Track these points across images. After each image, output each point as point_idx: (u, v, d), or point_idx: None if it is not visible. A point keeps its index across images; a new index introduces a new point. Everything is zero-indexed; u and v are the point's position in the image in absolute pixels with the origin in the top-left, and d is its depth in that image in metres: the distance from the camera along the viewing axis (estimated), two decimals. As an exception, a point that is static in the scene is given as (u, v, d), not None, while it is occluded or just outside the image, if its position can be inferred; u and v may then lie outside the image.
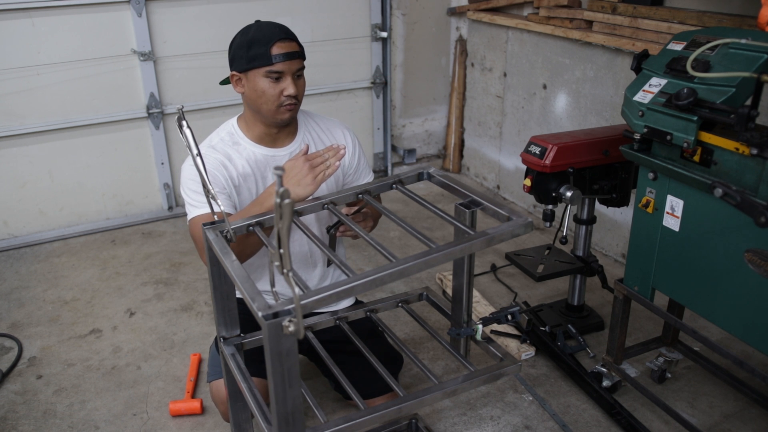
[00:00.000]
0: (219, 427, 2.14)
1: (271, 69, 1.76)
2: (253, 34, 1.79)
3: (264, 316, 1.05)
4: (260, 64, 1.77)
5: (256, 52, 1.76)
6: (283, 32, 1.79)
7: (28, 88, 3.21)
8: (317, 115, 2.06)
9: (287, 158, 1.91)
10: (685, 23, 2.56)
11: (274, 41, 1.76)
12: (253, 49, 1.77)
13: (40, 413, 2.21)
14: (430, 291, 1.74)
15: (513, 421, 2.14)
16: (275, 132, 1.90)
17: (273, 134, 1.91)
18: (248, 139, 1.91)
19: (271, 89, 1.78)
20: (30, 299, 2.91)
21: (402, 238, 3.38)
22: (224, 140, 1.90)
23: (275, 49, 1.76)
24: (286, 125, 1.90)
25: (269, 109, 1.82)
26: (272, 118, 1.84)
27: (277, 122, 1.86)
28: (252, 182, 1.90)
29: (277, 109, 1.81)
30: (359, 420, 1.27)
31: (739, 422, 2.10)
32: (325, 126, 2.02)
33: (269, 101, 1.80)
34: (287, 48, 1.77)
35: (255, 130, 1.91)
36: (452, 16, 4.10)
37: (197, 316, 2.74)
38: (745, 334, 1.69)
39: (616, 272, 2.96)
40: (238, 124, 1.94)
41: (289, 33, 1.81)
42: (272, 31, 1.78)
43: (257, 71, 1.78)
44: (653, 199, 1.85)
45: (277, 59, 1.76)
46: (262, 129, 1.90)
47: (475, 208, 1.40)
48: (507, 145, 3.80)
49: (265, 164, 1.91)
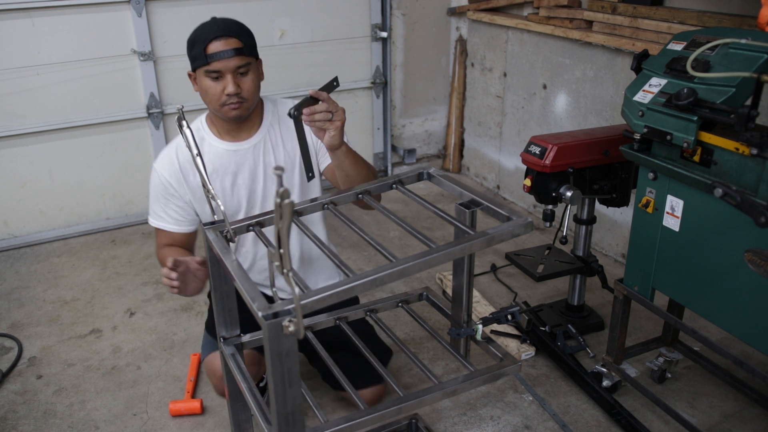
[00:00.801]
0: (219, 427, 2.14)
1: (209, 68, 1.76)
2: (194, 34, 1.80)
3: (264, 316, 1.05)
4: (199, 64, 1.78)
5: (195, 51, 1.78)
6: (221, 30, 1.76)
7: (28, 88, 3.21)
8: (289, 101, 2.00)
9: (250, 152, 1.93)
10: (685, 23, 2.56)
11: (210, 40, 1.75)
12: (194, 48, 1.78)
13: (40, 413, 2.21)
14: (430, 291, 1.74)
15: (513, 421, 2.14)
16: (235, 126, 1.91)
17: (233, 129, 1.91)
18: (213, 135, 1.93)
19: (212, 88, 1.79)
20: (30, 299, 2.91)
21: (402, 238, 3.38)
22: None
23: (210, 48, 1.75)
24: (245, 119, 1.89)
25: (215, 108, 1.83)
26: (221, 115, 1.84)
27: (227, 119, 1.86)
28: (217, 180, 1.91)
29: (221, 108, 1.81)
30: (359, 420, 1.27)
31: (739, 422, 2.10)
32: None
33: (213, 100, 1.81)
34: (223, 46, 1.75)
35: (218, 125, 1.92)
36: (452, 16, 4.10)
37: (197, 316, 2.74)
38: (745, 334, 1.69)
39: (616, 272, 2.96)
40: (206, 119, 1.96)
41: (230, 29, 1.77)
42: (210, 29, 1.77)
43: (200, 71, 1.79)
44: (653, 199, 1.85)
45: (212, 58, 1.74)
46: (222, 124, 1.91)
47: (475, 208, 1.40)
48: (507, 145, 3.80)
49: (228, 159, 1.92)
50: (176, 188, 1.92)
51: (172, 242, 1.99)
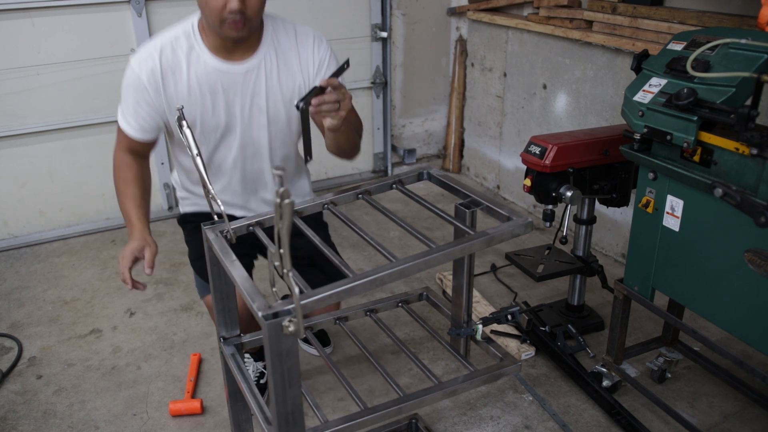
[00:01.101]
0: (219, 427, 2.14)
1: None
2: None
3: (264, 316, 1.05)
4: None
5: None
6: None
7: (28, 88, 3.21)
8: (290, 24, 1.87)
9: (241, 76, 1.77)
10: (685, 23, 2.56)
11: None
12: None
13: (40, 413, 2.21)
14: (430, 291, 1.74)
15: (513, 421, 2.14)
16: (231, 44, 1.73)
17: (229, 46, 1.74)
18: (204, 47, 1.75)
19: (213, 0, 1.61)
20: (30, 299, 2.91)
21: (402, 238, 3.38)
22: (179, 43, 1.76)
23: None
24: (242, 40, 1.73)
25: (213, 23, 1.65)
26: (219, 32, 1.67)
27: (225, 37, 1.69)
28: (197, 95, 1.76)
29: (221, 25, 1.64)
30: (359, 420, 1.28)
31: (739, 422, 2.10)
32: (296, 38, 1.84)
33: (213, 13, 1.63)
34: None
35: (211, 39, 1.74)
36: (452, 16, 4.10)
37: (197, 316, 2.74)
38: (745, 334, 1.69)
39: (616, 272, 2.96)
40: (198, 25, 1.77)
41: None
42: None
43: None
44: (653, 199, 1.85)
45: None
46: (217, 39, 1.73)
47: (475, 208, 1.40)
48: (507, 145, 3.80)
49: (215, 78, 1.76)
50: (153, 97, 1.76)
51: (132, 148, 1.86)
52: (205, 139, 1.85)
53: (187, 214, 2.08)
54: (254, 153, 1.91)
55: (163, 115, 1.81)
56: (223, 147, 1.88)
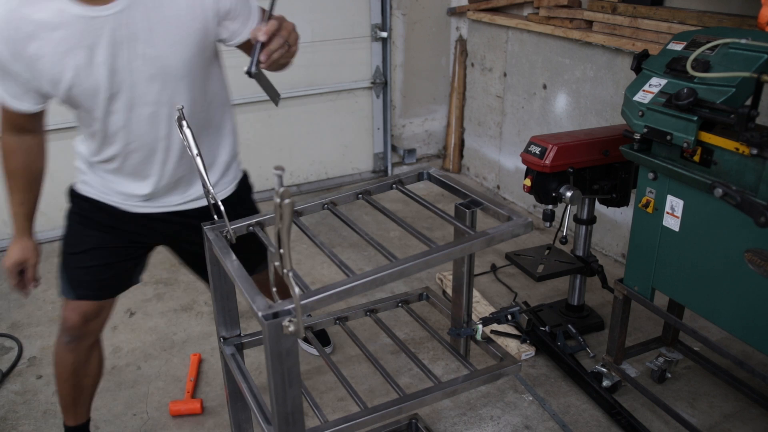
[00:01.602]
0: (219, 427, 2.14)
1: None
2: None
3: (264, 316, 1.05)
4: None
5: None
6: None
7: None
8: None
9: (109, 20, 1.46)
10: (685, 23, 2.56)
11: None
12: None
13: (40, 413, 2.21)
14: (430, 291, 1.74)
15: (513, 421, 2.14)
16: None
17: None
18: None
19: None
20: (30, 299, 2.90)
21: (402, 238, 3.38)
22: None
23: None
24: None
25: None
26: None
27: None
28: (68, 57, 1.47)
29: None
30: (359, 420, 1.28)
31: (739, 422, 2.10)
32: None
33: None
34: None
35: None
36: (452, 16, 4.10)
37: (197, 316, 2.74)
38: (745, 334, 1.69)
39: (616, 272, 2.96)
40: None
41: None
42: None
43: None
44: (653, 199, 1.85)
45: None
46: None
47: (475, 208, 1.40)
48: (507, 145, 3.81)
49: (81, 28, 1.45)
50: (13, 64, 1.48)
51: (16, 123, 1.64)
52: (89, 104, 1.57)
53: (80, 195, 1.89)
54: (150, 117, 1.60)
55: (33, 82, 1.52)
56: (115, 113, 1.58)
